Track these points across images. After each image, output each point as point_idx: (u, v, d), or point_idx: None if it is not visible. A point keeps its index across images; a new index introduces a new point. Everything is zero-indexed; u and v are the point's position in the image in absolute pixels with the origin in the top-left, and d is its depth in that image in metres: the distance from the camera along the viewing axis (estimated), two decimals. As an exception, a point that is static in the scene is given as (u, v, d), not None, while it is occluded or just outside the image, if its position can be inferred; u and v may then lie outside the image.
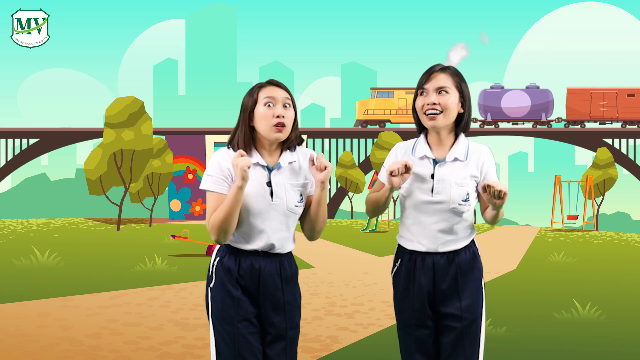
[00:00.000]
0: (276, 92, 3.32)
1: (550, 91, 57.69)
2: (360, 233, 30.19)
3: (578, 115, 57.47)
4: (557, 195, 36.58)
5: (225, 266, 3.35)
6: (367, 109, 55.78)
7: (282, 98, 3.31)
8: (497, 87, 57.40)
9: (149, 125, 32.50)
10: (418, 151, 3.45)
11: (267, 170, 3.34)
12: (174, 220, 47.43)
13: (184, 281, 11.84)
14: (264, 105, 3.30)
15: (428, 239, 3.43)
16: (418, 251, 3.45)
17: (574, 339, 7.40)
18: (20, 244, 20.81)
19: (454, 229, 3.42)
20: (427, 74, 3.41)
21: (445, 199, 3.38)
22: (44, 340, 6.95)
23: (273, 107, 3.29)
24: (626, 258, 18.42)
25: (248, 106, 3.34)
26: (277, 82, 3.37)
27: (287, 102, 3.33)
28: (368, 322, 8.28)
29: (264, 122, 3.29)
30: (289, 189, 3.35)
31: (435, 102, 3.35)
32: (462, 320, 3.40)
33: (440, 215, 3.40)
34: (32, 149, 56.56)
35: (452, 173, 3.40)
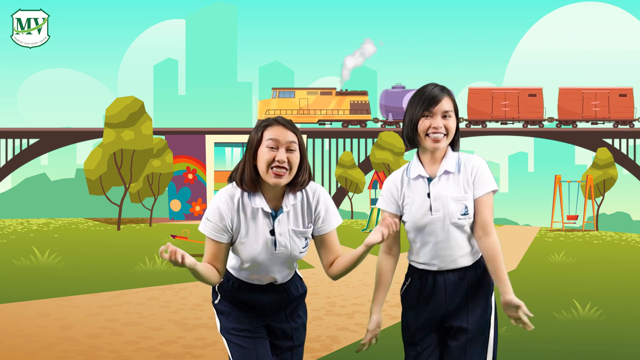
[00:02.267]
0: (281, 133, 3.14)
1: (451, 92, 58.00)
2: (360, 233, 30.18)
3: (570, 115, 57.54)
4: (557, 195, 36.58)
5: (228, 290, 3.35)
6: (268, 109, 55.55)
7: (286, 141, 3.14)
8: (398, 87, 57.54)
9: (149, 125, 32.50)
10: (412, 171, 3.45)
11: (270, 217, 3.22)
12: (174, 220, 47.43)
13: (184, 281, 11.84)
14: (267, 147, 3.14)
15: (438, 259, 3.43)
16: (429, 271, 3.47)
17: (574, 339, 7.39)
18: (20, 244, 20.80)
19: (460, 244, 3.42)
20: (431, 96, 3.44)
21: (444, 215, 3.37)
22: (44, 340, 6.95)
23: (275, 150, 3.13)
24: (626, 258, 18.42)
25: (253, 144, 3.18)
26: (285, 121, 3.18)
27: (292, 146, 3.15)
28: (368, 322, 8.28)
29: (263, 165, 3.14)
30: (293, 237, 3.26)
31: (441, 126, 3.40)
32: (468, 333, 3.45)
33: (444, 233, 3.40)
34: (32, 149, 56.55)
35: (447, 188, 3.39)
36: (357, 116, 54.76)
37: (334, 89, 56.16)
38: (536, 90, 57.90)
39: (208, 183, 49.32)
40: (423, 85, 3.51)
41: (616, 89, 57.59)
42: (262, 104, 56.43)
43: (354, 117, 55.31)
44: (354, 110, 55.11)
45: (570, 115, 57.52)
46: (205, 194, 49.17)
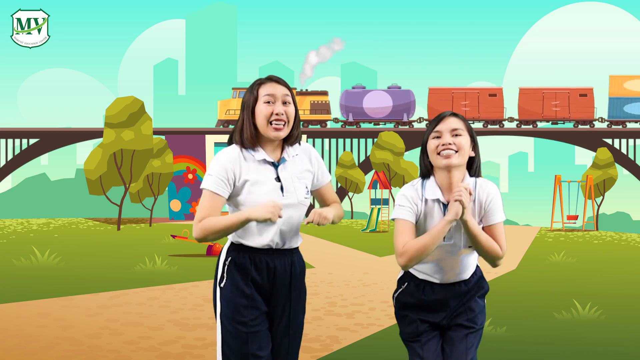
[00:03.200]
0: (276, 88, 3.31)
1: (411, 92, 58.01)
2: (360, 233, 30.19)
3: (530, 115, 57.64)
4: (557, 195, 36.57)
5: (239, 265, 3.34)
6: (228, 109, 55.44)
7: (281, 95, 3.30)
8: (358, 87, 57.56)
9: (149, 125, 32.49)
10: (429, 192, 3.40)
11: (273, 166, 3.34)
12: (174, 220, 47.44)
13: (184, 281, 11.84)
14: (264, 102, 3.29)
15: (440, 274, 3.49)
16: (428, 281, 3.52)
17: (574, 339, 7.40)
18: (20, 244, 20.81)
19: (465, 265, 3.50)
20: (436, 119, 3.44)
21: (456, 243, 3.42)
22: (44, 340, 6.95)
23: (273, 104, 3.29)
24: (626, 258, 18.42)
25: (250, 103, 3.33)
26: (277, 78, 3.35)
27: (287, 99, 3.31)
28: (368, 322, 8.28)
29: (262, 120, 3.29)
30: (296, 182, 3.37)
31: (451, 142, 3.36)
32: (469, 328, 3.54)
33: (451, 255, 3.44)
34: (32, 149, 56.55)
35: None
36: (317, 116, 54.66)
37: (294, 88, 56.10)
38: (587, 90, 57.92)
39: (208, 183, 49.34)
40: None
41: (576, 89, 57.66)
42: (222, 104, 56.20)
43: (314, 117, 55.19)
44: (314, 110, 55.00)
45: (530, 115, 57.63)
46: (204, 193, 49.18)
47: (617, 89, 57.78)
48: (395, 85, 58.13)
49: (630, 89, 57.54)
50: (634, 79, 58.08)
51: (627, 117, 57.20)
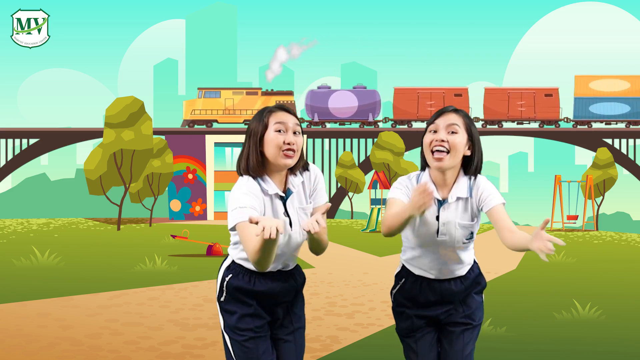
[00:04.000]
0: (287, 118, 3.29)
1: (377, 92, 57.98)
2: (360, 233, 30.19)
3: (495, 115, 57.71)
4: (557, 195, 36.58)
5: (237, 286, 3.35)
6: (194, 109, 55.29)
7: (292, 125, 3.28)
8: (324, 87, 57.54)
9: (149, 125, 32.50)
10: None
11: (281, 199, 3.32)
12: (174, 220, 47.43)
13: (184, 281, 11.84)
14: (275, 130, 3.26)
15: (435, 270, 3.50)
16: (425, 277, 3.53)
17: (574, 339, 7.40)
18: (20, 244, 20.81)
19: (459, 259, 3.50)
20: (437, 113, 3.42)
21: (450, 240, 3.42)
22: (44, 340, 6.95)
23: (284, 133, 3.26)
24: (626, 258, 18.43)
25: (258, 131, 3.28)
26: (287, 107, 3.34)
27: (297, 129, 3.29)
28: (368, 322, 8.28)
29: (274, 149, 3.24)
30: (302, 214, 3.36)
31: (444, 140, 3.33)
32: (466, 325, 3.55)
33: (445, 252, 3.46)
34: (32, 149, 56.55)
35: (457, 215, 3.41)
36: None
37: (260, 89, 55.97)
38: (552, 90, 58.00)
39: (208, 183, 49.34)
40: None
41: (542, 89, 57.70)
42: (187, 104, 56.06)
43: None
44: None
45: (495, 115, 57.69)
46: (205, 194, 49.19)
47: (582, 89, 57.89)
48: (360, 85, 58.18)
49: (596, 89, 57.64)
50: (599, 79, 58.15)
51: (592, 117, 57.30)
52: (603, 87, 57.52)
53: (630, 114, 57.24)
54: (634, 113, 57.29)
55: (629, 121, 57.18)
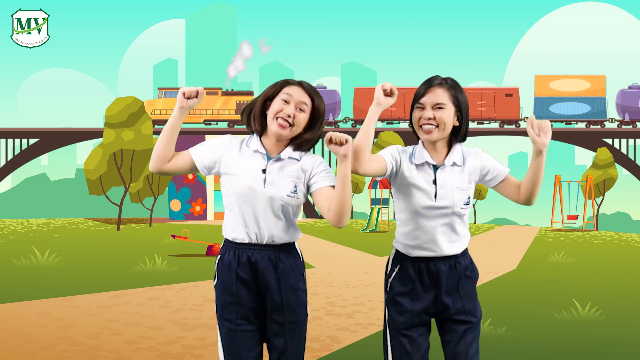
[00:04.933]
0: (298, 93, 3.37)
1: (337, 92, 57.96)
2: (360, 233, 30.19)
3: (364, 115, 57.77)
4: (557, 195, 36.58)
5: (225, 262, 3.40)
6: (154, 109, 55.25)
7: (298, 100, 3.36)
8: None
9: (149, 125, 32.50)
10: (417, 157, 3.47)
11: (266, 158, 3.39)
12: (174, 220, 47.42)
13: (184, 281, 11.84)
14: (281, 99, 3.37)
15: (432, 243, 3.46)
16: (422, 257, 3.48)
17: (574, 339, 7.40)
18: (20, 244, 20.81)
19: (456, 230, 3.49)
20: (424, 86, 3.45)
21: (449, 204, 3.43)
22: (44, 340, 6.95)
23: (286, 104, 3.35)
24: (626, 258, 18.43)
25: (269, 94, 3.42)
26: (307, 85, 3.42)
27: (302, 107, 3.37)
28: (368, 322, 8.28)
29: (271, 113, 3.37)
30: (282, 178, 3.36)
31: (432, 117, 3.41)
32: (467, 323, 3.52)
33: (443, 219, 3.45)
34: (32, 149, 56.54)
35: (453, 178, 3.46)
36: None
37: (220, 88, 55.84)
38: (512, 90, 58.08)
39: (208, 183, 49.31)
40: None
41: (502, 89, 57.70)
42: (148, 103, 56.00)
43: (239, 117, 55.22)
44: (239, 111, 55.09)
45: None
46: (205, 194, 49.16)
47: (542, 89, 57.95)
48: (320, 85, 58.18)
49: (556, 89, 57.68)
50: (559, 79, 58.21)
51: (552, 117, 57.35)
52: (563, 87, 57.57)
53: (590, 113, 57.29)
54: (594, 113, 57.33)
55: (589, 121, 57.21)
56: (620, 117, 57.21)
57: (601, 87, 57.61)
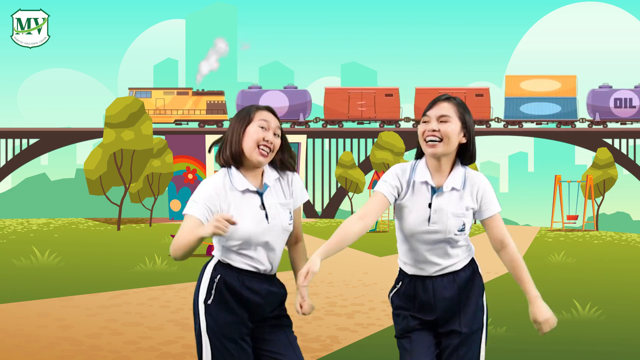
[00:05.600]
0: (271, 118, 3.40)
1: (308, 92, 57.94)
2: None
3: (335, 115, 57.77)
4: (557, 195, 36.58)
5: (229, 285, 3.36)
6: None
7: (274, 127, 3.38)
8: (254, 87, 57.44)
9: (149, 125, 32.50)
10: (418, 175, 3.40)
11: (257, 194, 3.38)
12: (174, 220, 47.41)
13: (184, 281, 11.84)
14: (258, 126, 3.36)
15: (427, 265, 3.42)
16: (418, 275, 3.45)
17: (574, 339, 7.40)
18: (20, 244, 20.81)
19: (450, 255, 3.43)
20: (431, 102, 3.43)
21: (441, 229, 3.36)
22: (44, 340, 6.95)
23: (265, 131, 3.36)
24: (626, 258, 18.43)
25: (243, 123, 3.38)
26: (273, 110, 3.45)
27: (277, 132, 3.40)
28: (368, 322, 8.28)
29: (252, 142, 3.34)
30: (280, 209, 3.41)
31: (436, 129, 3.34)
32: (461, 335, 3.43)
33: (436, 244, 3.39)
34: (32, 149, 56.54)
35: (450, 203, 3.37)
36: (213, 116, 54.43)
37: (190, 88, 55.78)
38: (392, 90, 58.27)
39: (208, 183, 49.37)
40: None
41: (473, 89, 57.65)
42: None
43: (210, 117, 54.96)
44: (211, 110, 54.79)
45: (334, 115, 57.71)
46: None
47: (513, 89, 57.99)
48: (291, 85, 58.19)
49: (526, 89, 57.72)
50: (529, 79, 58.27)
51: (523, 117, 57.40)
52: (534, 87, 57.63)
53: (560, 114, 57.33)
54: (564, 113, 57.37)
55: (560, 121, 57.25)
56: (591, 117, 57.25)
57: (572, 87, 57.71)
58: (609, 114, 57.01)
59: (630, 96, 56.90)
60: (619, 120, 56.81)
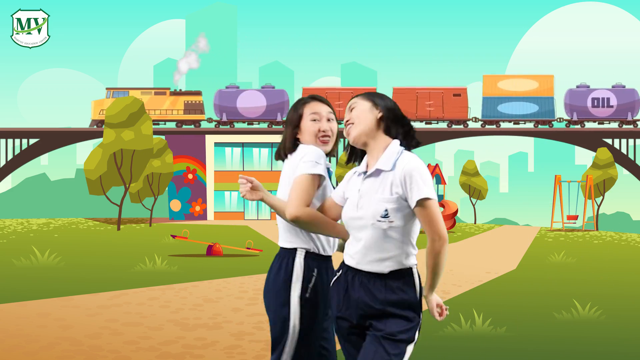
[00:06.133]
0: (320, 107, 3.60)
1: (285, 92, 57.84)
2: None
3: None
4: (557, 195, 36.58)
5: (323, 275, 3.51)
6: (102, 109, 55.08)
7: (326, 113, 3.60)
8: (232, 87, 57.34)
9: (149, 125, 32.50)
10: (361, 166, 3.33)
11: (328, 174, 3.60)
12: (174, 220, 47.41)
13: (184, 281, 11.84)
14: (310, 120, 3.57)
15: (359, 254, 3.21)
16: (349, 265, 3.26)
17: (574, 339, 7.39)
18: (20, 244, 20.81)
19: (382, 247, 3.17)
20: None
21: (365, 215, 3.17)
22: (44, 340, 6.95)
23: (318, 122, 3.57)
24: (626, 258, 18.43)
25: (294, 120, 3.60)
26: (320, 97, 3.65)
27: (330, 117, 3.60)
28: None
29: (311, 136, 3.57)
30: None
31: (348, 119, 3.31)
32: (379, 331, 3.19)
33: (367, 232, 3.18)
34: (32, 149, 56.53)
35: (374, 187, 3.18)
36: (191, 116, 54.38)
37: (168, 89, 55.75)
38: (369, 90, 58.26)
39: (208, 183, 49.33)
40: None
41: (450, 89, 57.67)
42: (95, 104, 55.79)
43: (187, 117, 54.95)
44: (188, 110, 54.73)
45: None
46: (205, 194, 49.17)
47: (490, 88, 57.98)
48: (269, 85, 58.13)
49: (504, 88, 57.71)
50: (507, 78, 58.27)
51: (500, 116, 57.41)
52: (511, 86, 57.60)
53: (538, 113, 57.34)
54: (542, 112, 57.37)
55: (537, 121, 57.26)
56: (569, 117, 57.28)
57: (549, 87, 57.72)
58: (586, 114, 57.06)
59: (608, 96, 56.90)
60: (597, 120, 56.84)
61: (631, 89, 56.86)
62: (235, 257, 16.70)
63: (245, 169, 49.08)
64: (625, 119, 56.52)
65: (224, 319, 8.23)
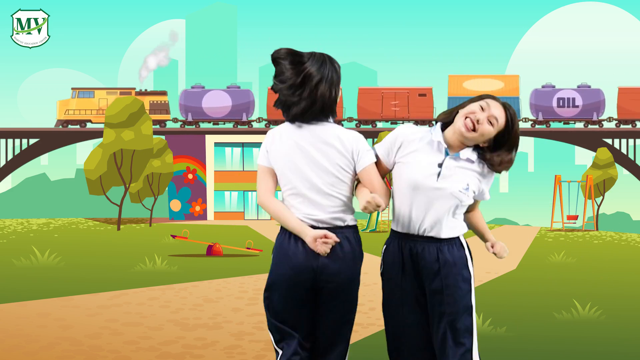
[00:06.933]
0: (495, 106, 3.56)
1: (251, 92, 57.63)
2: (361, 233, 30.17)
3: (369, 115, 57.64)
4: (557, 195, 36.57)
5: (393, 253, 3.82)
6: (67, 109, 54.98)
7: (491, 114, 3.57)
8: (197, 87, 57.21)
9: (149, 125, 32.50)
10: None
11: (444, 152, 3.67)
12: (174, 220, 47.42)
13: (184, 281, 11.84)
14: (478, 105, 3.53)
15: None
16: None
17: (574, 339, 7.39)
18: (20, 244, 20.81)
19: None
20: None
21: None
22: (44, 340, 6.95)
23: (481, 111, 3.53)
24: (626, 258, 18.43)
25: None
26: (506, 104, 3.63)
27: (492, 120, 3.54)
28: (368, 322, 8.28)
29: (462, 113, 3.54)
30: None
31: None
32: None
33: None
34: (32, 149, 56.53)
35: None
36: (156, 116, 54.26)
37: (134, 88, 55.61)
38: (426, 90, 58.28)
39: (208, 183, 49.32)
40: None
41: (416, 89, 57.59)
42: (61, 104, 55.64)
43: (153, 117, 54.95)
44: (154, 110, 54.58)
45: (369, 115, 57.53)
46: (205, 194, 49.16)
47: (456, 88, 57.96)
48: (234, 85, 57.96)
49: (469, 88, 57.70)
50: (472, 78, 58.26)
51: None
52: (477, 86, 57.54)
53: None
54: None
55: None
56: (534, 117, 57.28)
57: (514, 87, 57.73)
58: (551, 114, 57.07)
59: (574, 96, 56.89)
60: (562, 120, 56.85)
61: (596, 89, 56.91)
62: (235, 257, 16.70)
63: (245, 169, 49.07)
64: (591, 119, 56.54)
65: (224, 319, 8.23)
